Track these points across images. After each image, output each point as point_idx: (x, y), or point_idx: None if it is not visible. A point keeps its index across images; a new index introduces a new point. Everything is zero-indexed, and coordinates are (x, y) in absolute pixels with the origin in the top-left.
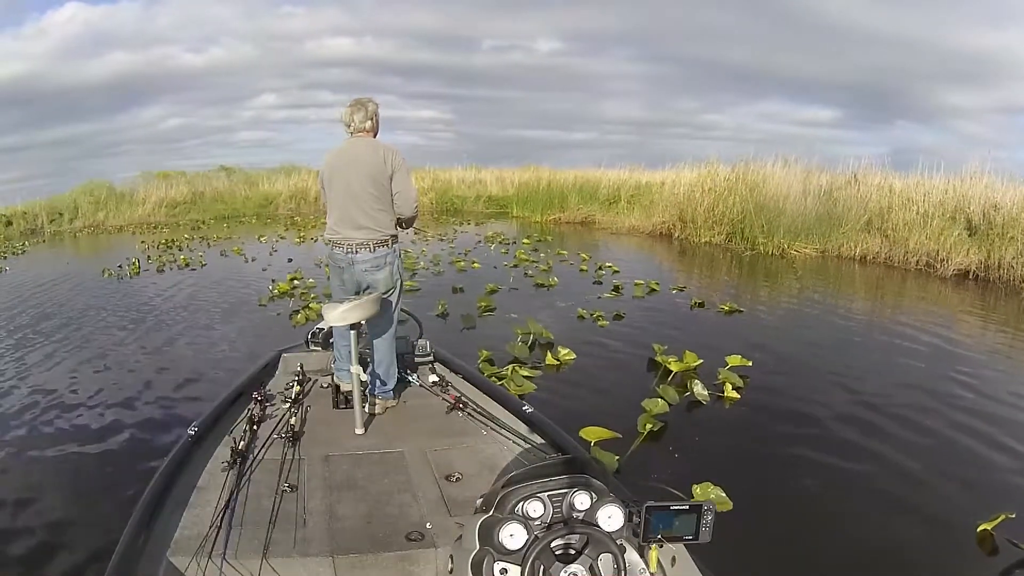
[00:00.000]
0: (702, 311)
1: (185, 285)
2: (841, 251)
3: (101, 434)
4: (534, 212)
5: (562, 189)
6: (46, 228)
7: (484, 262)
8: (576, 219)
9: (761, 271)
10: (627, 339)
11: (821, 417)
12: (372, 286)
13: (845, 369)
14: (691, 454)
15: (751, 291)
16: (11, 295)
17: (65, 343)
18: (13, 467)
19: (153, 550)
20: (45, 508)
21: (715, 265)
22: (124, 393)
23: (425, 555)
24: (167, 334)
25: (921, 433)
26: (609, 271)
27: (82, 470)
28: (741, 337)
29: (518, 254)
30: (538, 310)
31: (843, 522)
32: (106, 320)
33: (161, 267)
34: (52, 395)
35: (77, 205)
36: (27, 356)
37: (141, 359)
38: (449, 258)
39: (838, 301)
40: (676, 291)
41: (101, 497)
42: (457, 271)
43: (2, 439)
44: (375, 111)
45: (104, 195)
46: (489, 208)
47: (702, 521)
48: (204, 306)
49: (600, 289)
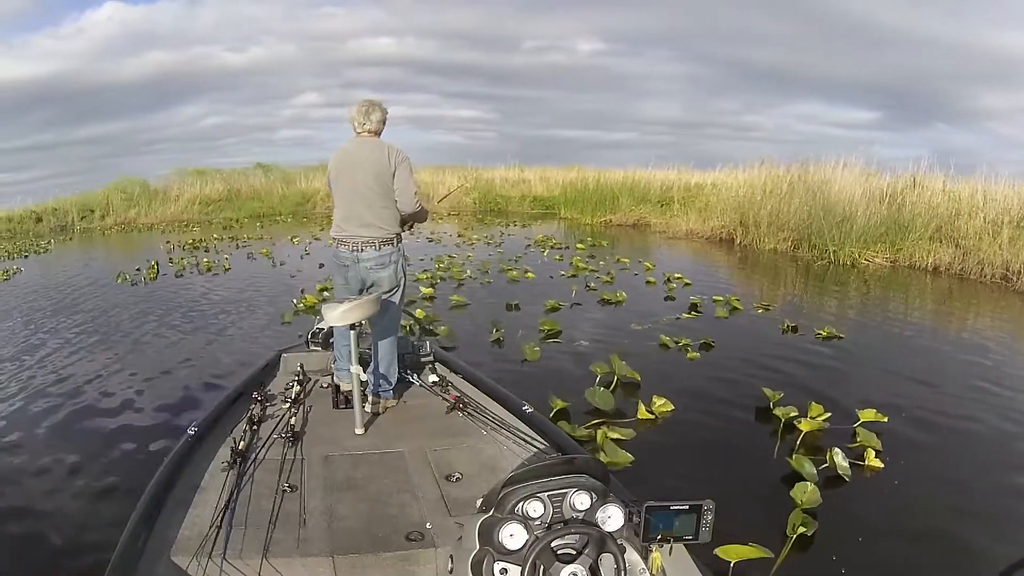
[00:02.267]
0: (797, 337)
1: (201, 293)
2: (913, 261)
3: (101, 435)
4: (583, 213)
5: (612, 190)
6: (76, 225)
7: (538, 271)
8: (628, 221)
9: (838, 283)
10: (727, 379)
11: (989, 488)
12: (376, 284)
13: (993, 417)
14: (858, 565)
15: (838, 309)
16: (15, 300)
17: (58, 354)
18: (13, 468)
19: (153, 550)
20: (45, 508)
21: (787, 276)
22: (123, 394)
23: (425, 555)
24: (167, 357)
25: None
26: (679, 283)
27: (82, 471)
28: (853, 375)
29: (575, 262)
30: (611, 335)
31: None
32: (103, 336)
33: (180, 271)
34: (52, 396)
35: (109, 202)
36: (22, 364)
37: (137, 380)
38: (498, 265)
39: (939, 322)
40: (761, 311)
41: (101, 497)
42: (509, 281)
43: (2, 440)
44: (383, 116)
45: (137, 192)
46: (535, 208)
47: (702, 521)
48: (217, 324)
49: (675, 307)
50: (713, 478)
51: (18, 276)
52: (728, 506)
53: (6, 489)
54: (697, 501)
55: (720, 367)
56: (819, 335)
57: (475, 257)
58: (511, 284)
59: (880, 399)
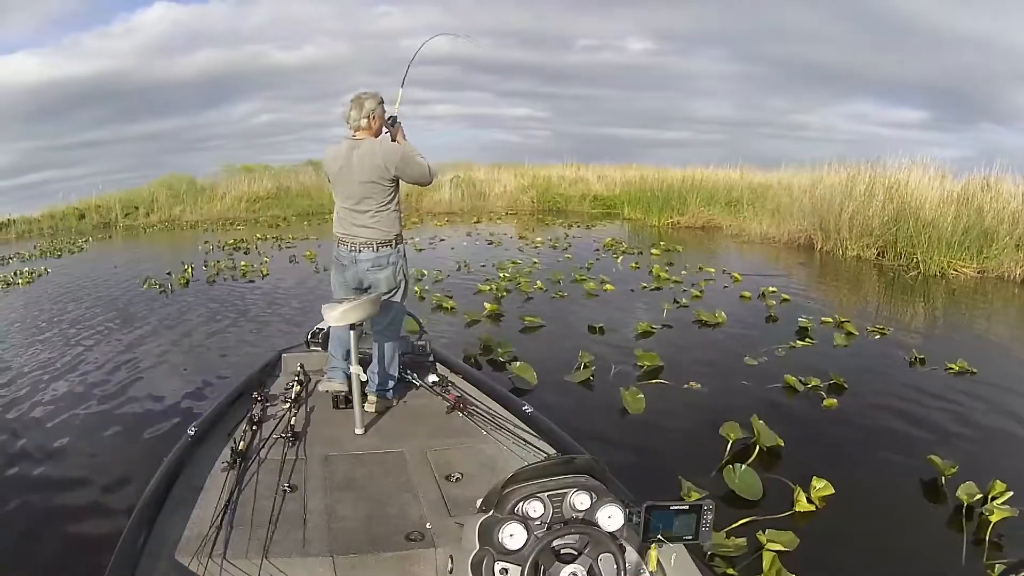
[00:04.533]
0: (928, 373)
1: (231, 304)
2: (1001, 271)
3: (101, 435)
4: (649, 214)
5: (679, 191)
6: (119, 222)
7: (616, 281)
8: (696, 223)
9: (934, 298)
10: (877, 438)
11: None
12: (373, 285)
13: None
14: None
15: (949, 331)
16: (29, 308)
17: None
18: (13, 468)
19: (153, 550)
20: (45, 509)
21: (881, 289)
22: (122, 396)
23: (425, 555)
24: (175, 366)
25: None
26: (776, 298)
27: (81, 472)
28: (1012, 430)
29: (656, 271)
30: (723, 372)
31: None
32: (106, 358)
33: (213, 278)
34: (51, 398)
35: (154, 199)
36: (23, 369)
37: (137, 381)
38: (571, 274)
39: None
40: (877, 335)
41: (101, 497)
42: (585, 295)
43: (2, 440)
44: (373, 109)
45: (184, 189)
46: (595, 208)
47: (702, 521)
48: (242, 345)
49: (782, 331)
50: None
51: (43, 279)
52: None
53: (6, 489)
54: (697, 501)
55: (863, 419)
56: (950, 369)
57: (542, 264)
58: (588, 299)
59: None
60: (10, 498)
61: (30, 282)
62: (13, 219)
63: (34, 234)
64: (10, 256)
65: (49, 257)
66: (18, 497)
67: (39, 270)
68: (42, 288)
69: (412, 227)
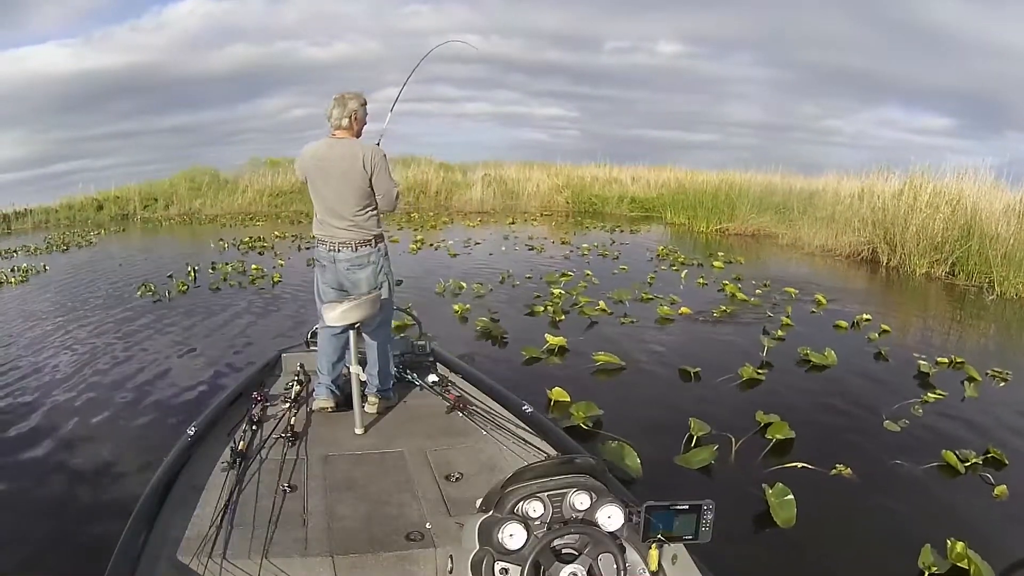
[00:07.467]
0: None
1: (229, 319)
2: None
3: (100, 435)
4: (694, 219)
5: (727, 194)
6: (137, 214)
7: (687, 299)
8: (746, 230)
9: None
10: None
11: None
12: (354, 285)
13: None
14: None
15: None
16: (25, 307)
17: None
18: (13, 469)
19: (153, 550)
20: (45, 509)
21: (968, 316)
22: (122, 398)
23: (425, 555)
24: (171, 392)
25: None
26: (876, 328)
27: (81, 472)
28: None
29: (729, 289)
30: (871, 447)
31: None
32: (100, 358)
33: (218, 285)
34: (51, 400)
35: (175, 191)
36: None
37: (136, 383)
38: (634, 291)
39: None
40: (1000, 382)
41: (101, 497)
42: (660, 321)
43: (2, 441)
44: (355, 109)
45: (206, 181)
46: (633, 211)
47: (702, 521)
48: (224, 370)
49: (898, 377)
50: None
51: (38, 277)
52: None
53: (6, 489)
54: (697, 501)
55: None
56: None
57: (596, 275)
58: (664, 325)
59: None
60: (10, 499)
61: (24, 280)
62: (31, 209)
63: (51, 224)
64: (17, 248)
65: (55, 251)
66: (18, 497)
67: (38, 266)
68: (36, 287)
69: (443, 227)
